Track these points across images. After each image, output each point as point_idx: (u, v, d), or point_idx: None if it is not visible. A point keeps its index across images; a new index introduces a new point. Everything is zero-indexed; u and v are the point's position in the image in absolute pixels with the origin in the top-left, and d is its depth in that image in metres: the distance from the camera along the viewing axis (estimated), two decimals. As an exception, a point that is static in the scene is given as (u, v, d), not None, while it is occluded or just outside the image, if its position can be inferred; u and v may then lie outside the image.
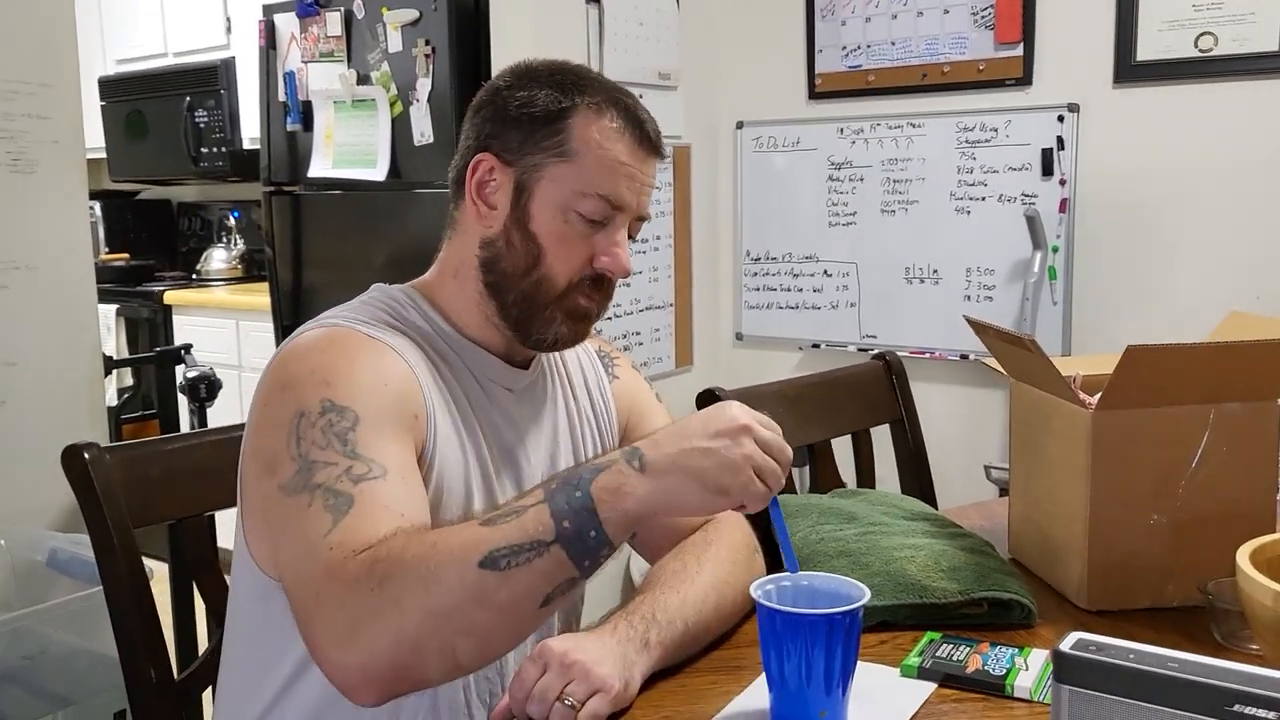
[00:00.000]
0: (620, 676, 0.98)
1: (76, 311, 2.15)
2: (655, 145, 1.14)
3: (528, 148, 1.11)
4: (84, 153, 2.17)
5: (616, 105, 1.12)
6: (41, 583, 1.89)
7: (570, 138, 1.10)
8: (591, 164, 1.10)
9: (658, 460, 0.93)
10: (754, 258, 3.38)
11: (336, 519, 0.93)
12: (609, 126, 1.11)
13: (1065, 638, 0.77)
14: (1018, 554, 1.38)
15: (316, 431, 0.98)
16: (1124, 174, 2.76)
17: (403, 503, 0.97)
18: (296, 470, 0.97)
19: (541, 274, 1.11)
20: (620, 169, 1.11)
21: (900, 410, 1.84)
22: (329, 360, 1.04)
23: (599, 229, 1.11)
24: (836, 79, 3.19)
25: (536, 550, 0.89)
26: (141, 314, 4.02)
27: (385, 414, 1.02)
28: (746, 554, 1.22)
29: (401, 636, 0.88)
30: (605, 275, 1.13)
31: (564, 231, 1.10)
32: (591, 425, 1.28)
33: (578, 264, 1.11)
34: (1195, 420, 1.19)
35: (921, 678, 1.06)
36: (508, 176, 1.12)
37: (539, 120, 1.11)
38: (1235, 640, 1.11)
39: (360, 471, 0.96)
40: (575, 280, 1.12)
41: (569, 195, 1.10)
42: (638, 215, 1.15)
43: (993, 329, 1.34)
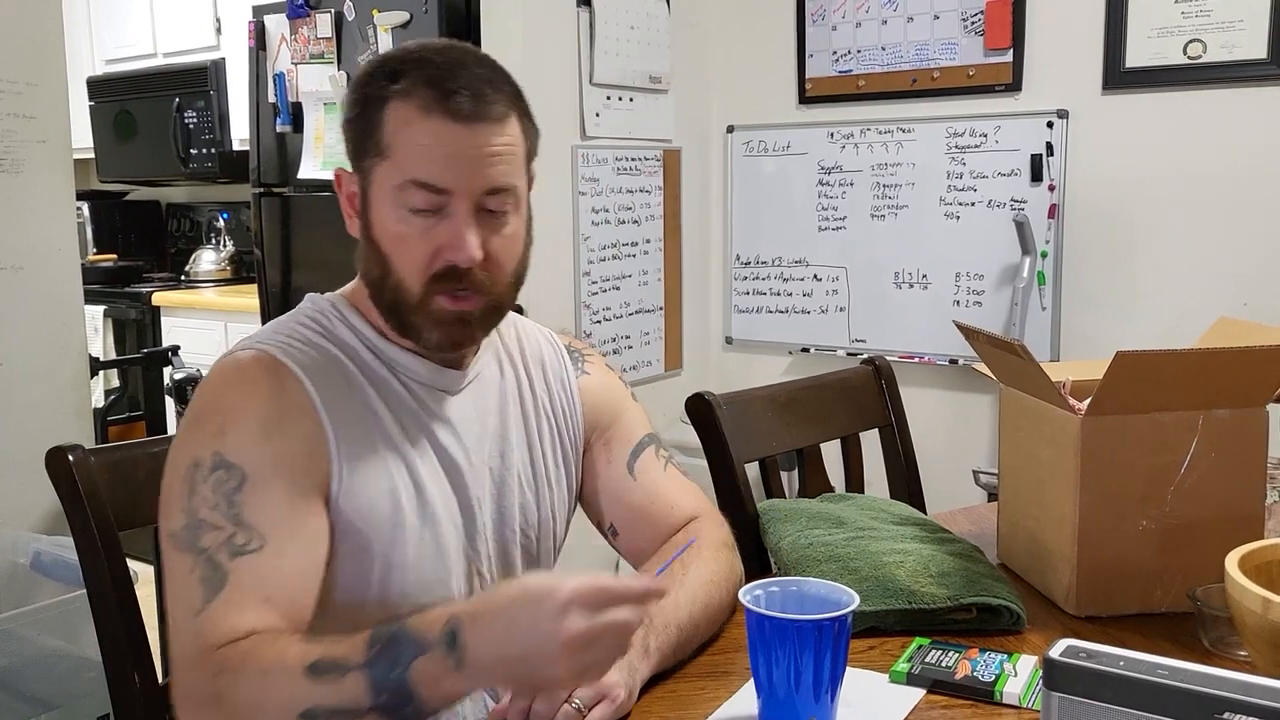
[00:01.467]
0: (626, 685, 0.99)
1: (63, 312, 2.14)
2: (475, 110, 1.04)
3: (359, 152, 1.08)
4: (71, 153, 2.15)
5: (428, 83, 1.04)
6: (24, 585, 1.87)
7: (384, 132, 1.05)
8: (405, 153, 1.04)
9: (477, 658, 0.87)
10: (744, 261, 3.38)
11: (208, 598, 0.96)
12: (415, 107, 1.03)
13: (1055, 644, 0.77)
14: (1006, 559, 1.38)
15: (207, 488, 1.00)
16: (1113, 180, 2.77)
17: (272, 582, 0.98)
18: (185, 525, 0.99)
19: (394, 279, 1.07)
20: (434, 150, 1.03)
21: (889, 415, 1.84)
22: (230, 402, 1.05)
23: (439, 219, 1.05)
24: (827, 84, 3.19)
25: (354, 714, 0.89)
26: (129, 315, 4.00)
27: (276, 468, 1.02)
28: (728, 553, 1.23)
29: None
30: (454, 267, 1.05)
31: (402, 231, 1.05)
32: (550, 419, 1.25)
33: (421, 261, 1.05)
34: (1184, 426, 1.19)
35: (910, 684, 1.05)
36: (354, 183, 1.10)
37: (360, 123, 1.08)
38: (1223, 646, 1.11)
39: (239, 543, 0.98)
40: (427, 280, 1.06)
41: (394, 192, 1.05)
42: (484, 190, 1.05)
43: (983, 334, 1.34)
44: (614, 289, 3.07)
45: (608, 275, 3.04)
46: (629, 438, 1.29)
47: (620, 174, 3.05)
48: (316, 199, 3.19)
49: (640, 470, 1.27)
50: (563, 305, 2.91)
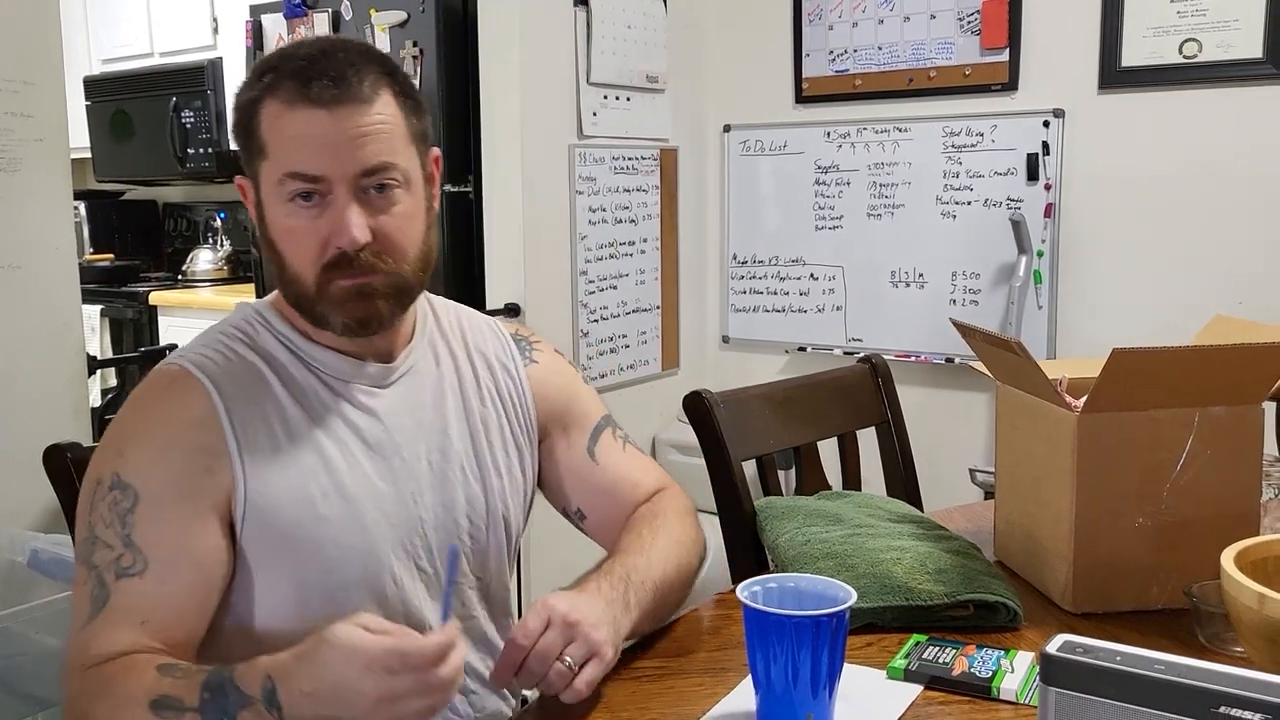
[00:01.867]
0: (613, 642, 1.01)
1: (60, 311, 2.13)
2: (338, 94, 1.04)
3: (246, 158, 1.10)
4: (68, 152, 2.15)
5: (288, 74, 1.05)
6: (22, 584, 1.87)
7: (260, 132, 1.07)
8: (279, 148, 1.05)
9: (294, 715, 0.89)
10: (740, 261, 3.39)
11: (91, 615, 1.01)
12: (281, 101, 1.05)
13: (1052, 640, 0.77)
14: (1003, 556, 1.38)
15: (104, 507, 1.04)
16: (1109, 179, 2.78)
17: (149, 605, 1.01)
18: (85, 539, 1.04)
19: (291, 274, 1.09)
20: (301, 140, 1.04)
21: (886, 413, 1.84)
22: (130, 424, 1.08)
23: (323, 207, 1.05)
24: (823, 83, 3.19)
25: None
26: (126, 314, 3.99)
27: (168, 489, 1.04)
28: (691, 519, 1.28)
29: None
30: (344, 253, 1.06)
31: (288, 225, 1.07)
32: (498, 408, 1.24)
33: (311, 252, 1.06)
34: (1180, 424, 1.19)
35: (908, 680, 1.06)
36: (250, 189, 1.12)
37: (241, 129, 1.09)
38: (1219, 642, 1.11)
39: (125, 564, 1.02)
40: (320, 270, 1.07)
41: (276, 188, 1.06)
42: (359, 172, 1.05)
43: (979, 332, 1.35)
44: (611, 288, 3.07)
45: (605, 274, 3.04)
46: (586, 423, 1.30)
47: (617, 173, 3.05)
48: (313, 198, 3.19)
49: (601, 453, 1.29)
50: (560, 304, 2.92)
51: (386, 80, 1.08)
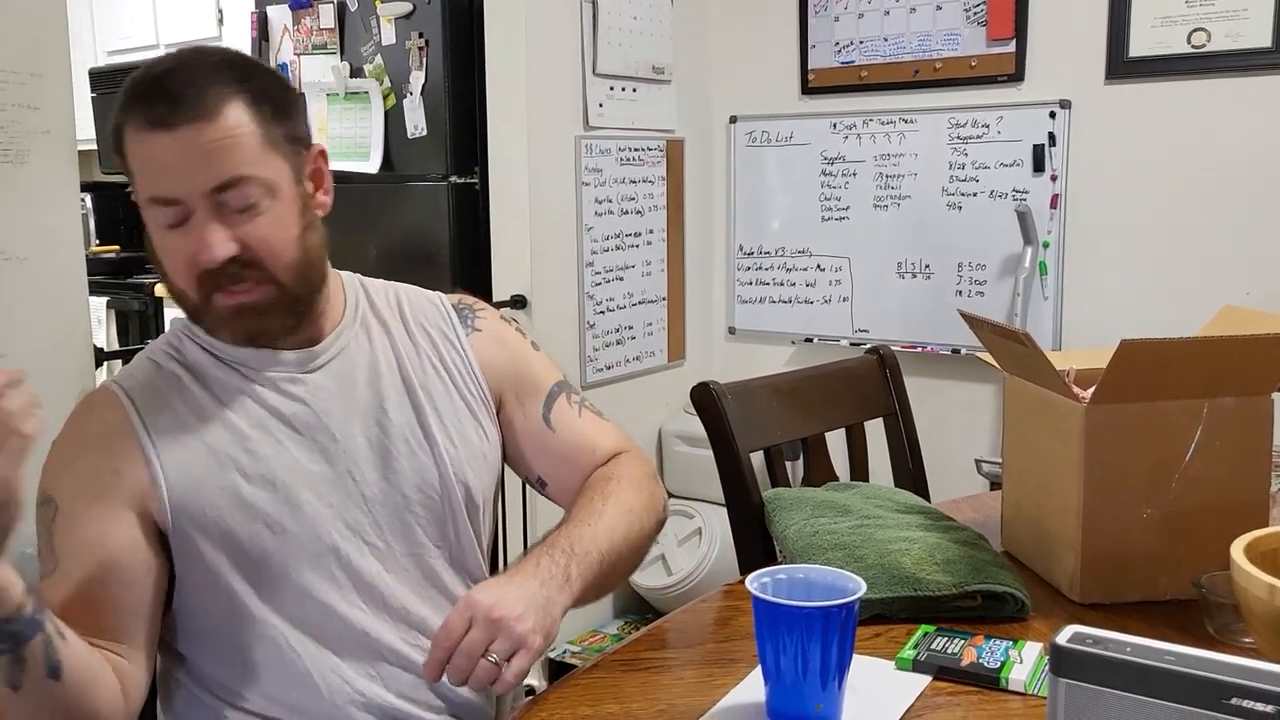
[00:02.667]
0: (541, 629, 1.01)
1: (67, 304, 2.13)
2: (175, 115, 1.03)
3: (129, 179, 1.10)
4: (75, 144, 2.15)
5: (135, 100, 1.05)
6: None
7: (127, 158, 1.07)
8: (139, 175, 1.07)
9: None
10: (747, 252, 3.38)
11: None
12: (135, 128, 1.05)
13: (1062, 631, 0.77)
14: (1010, 547, 1.39)
15: (37, 522, 1.10)
16: (1115, 170, 2.77)
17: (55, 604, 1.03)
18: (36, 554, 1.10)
19: (175, 290, 1.12)
20: (152, 165, 1.05)
21: (894, 404, 1.84)
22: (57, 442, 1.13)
23: (188, 227, 1.06)
24: (829, 74, 3.19)
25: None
26: (132, 306, 4.00)
27: (79, 489, 1.09)
28: (649, 484, 1.28)
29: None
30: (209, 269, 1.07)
31: (162, 244, 1.09)
32: (443, 377, 1.24)
33: (186, 269, 1.08)
34: (1189, 415, 1.19)
35: (916, 670, 1.06)
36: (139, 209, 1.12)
37: (118, 151, 1.08)
38: (1229, 633, 1.11)
39: (45, 569, 1.08)
40: (198, 285, 1.09)
41: (146, 210, 1.08)
42: (212, 187, 1.04)
43: (988, 324, 1.35)
44: (617, 279, 3.07)
45: (611, 266, 3.04)
46: (539, 390, 1.30)
47: (623, 164, 3.05)
48: (319, 190, 3.19)
49: (557, 419, 1.29)
50: (566, 296, 2.92)
51: (234, 90, 1.06)
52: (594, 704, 1.01)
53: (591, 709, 1.00)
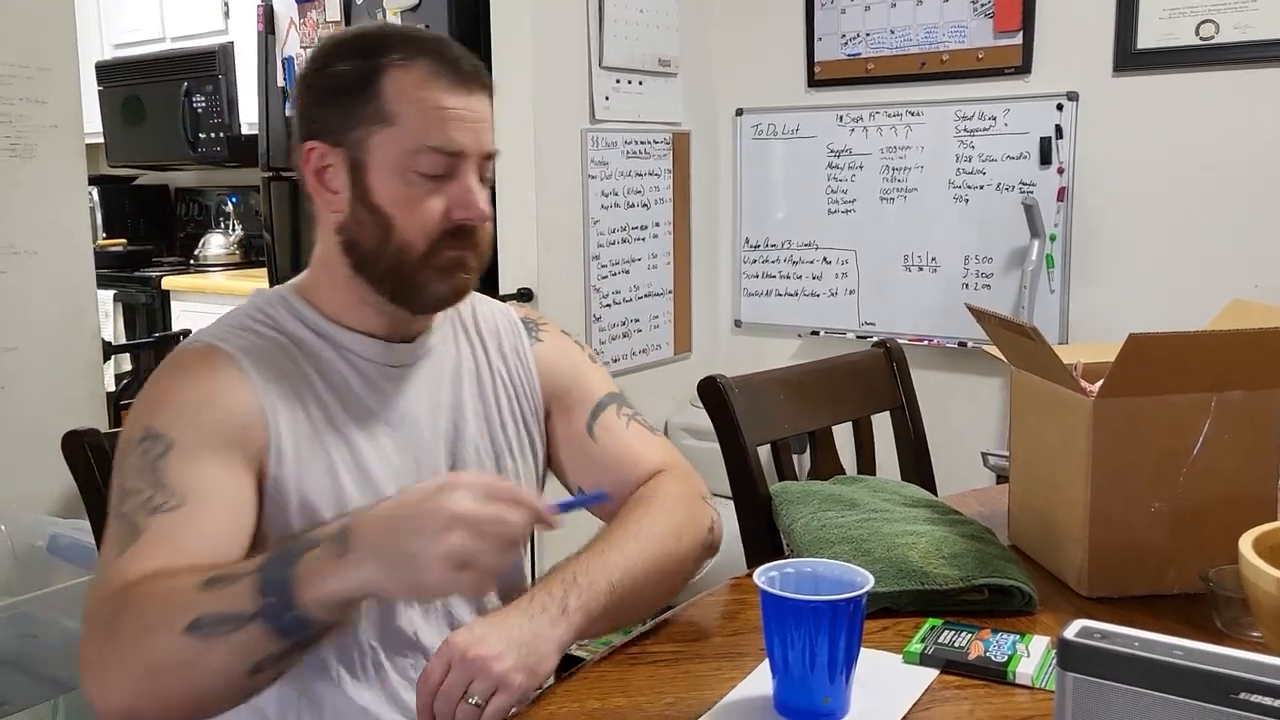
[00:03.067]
0: (522, 668, 0.98)
1: (75, 297, 2.14)
2: (472, 77, 1.10)
3: (349, 123, 1.09)
4: (83, 137, 2.16)
5: (424, 52, 1.09)
6: (42, 568, 1.89)
7: (386, 100, 1.08)
8: (414, 120, 1.07)
9: (359, 544, 0.89)
10: (753, 245, 3.38)
11: (120, 550, 0.97)
12: (420, 76, 1.08)
13: (1070, 625, 0.77)
14: (1017, 541, 1.39)
15: (134, 459, 1.02)
16: (1123, 163, 2.76)
17: (187, 535, 0.98)
18: (116, 498, 1.02)
19: (398, 243, 1.09)
20: (445, 115, 1.08)
21: (900, 397, 1.84)
22: (162, 385, 1.08)
23: (445, 181, 1.09)
24: (836, 67, 3.18)
25: (237, 623, 0.89)
26: (139, 299, 4.01)
27: (204, 437, 1.03)
28: (688, 504, 1.22)
29: (126, 679, 0.90)
30: (464, 225, 1.10)
31: (408, 194, 1.08)
32: (508, 389, 1.25)
33: (432, 222, 1.09)
34: (1197, 408, 1.19)
35: (924, 664, 1.06)
36: (340, 157, 1.10)
37: (351, 93, 1.09)
38: (1236, 628, 1.11)
39: (157, 502, 0.99)
40: (434, 239, 1.09)
41: (402, 157, 1.07)
42: (483, 154, 1.11)
43: (995, 317, 1.34)
44: (623, 272, 3.07)
45: (617, 259, 3.04)
46: (587, 400, 1.30)
47: (630, 157, 3.04)
48: (325, 183, 3.19)
49: (600, 430, 1.28)
50: (572, 289, 2.92)
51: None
52: (601, 697, 1.01)
53: (599, 702, 1.01)
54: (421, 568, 0.87)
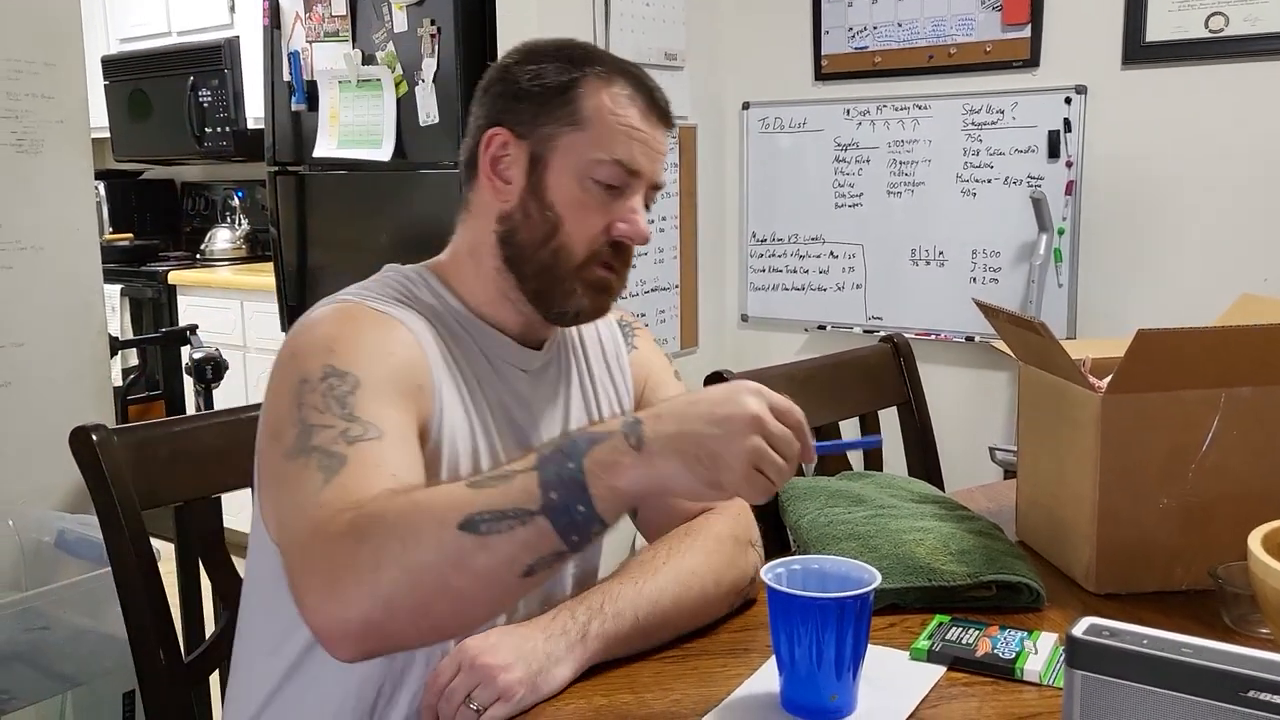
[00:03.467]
0: (527, 681, 0.97)
1: (82, 292, 2.15)
2: (665, 113, 1.15)
3: (540, 119, 1.11)
4: (89, 132, 2.16)
5: (625, 74, 1.13)
6: (49, 563, 1.89)
7: (582, 106, 1.10)
8: (605, 130, 1.10)
9: (655, 439, 0.88)
10: (760, 239, 3.37)
11: (328, 477, 0.93)
12: (619, 93, 1.11)
13: (1078, 622, 0.77)
14: (1025, 537, 1.38)
15: (317, 396, 0.99)
16: (1132, 156, 2.75)
17: (396, 464, 0.96)
18: (297, 435, 0.97)
19: (559, 243, 1.10)
20: (633, 134, 1.11)
21: (908, 393, 1.84)
22: (335, 330, 1.05)
23: (616, 196, 1.11)
24: (843, 60, 3.17)
25: (520, 519, 0.86)
26: (146, 294, 4.02)
27: (387, 381, 1.02)
28: (731, 546, 1.18)
29: (376, 593, 0.86)
30: (623, 243, 1.12)
31: (581, 199, 1.10)
32: (609, 396, 1.27)
33: (595, 232, 1.11)
34: (1206, 404, 1.18)
35: (931, 661, 1.06)
36: (521, 149, 1.12)
37: (550, 91, 1.11)
38: (1245, 625, 1.11)
39: (356, 433, 0.96)
40: (594, 249, 1.11)
41: (585, 163, 1.10)
42: (653, 183, 1.14)
43: (1003, 312, 1.34)
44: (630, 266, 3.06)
45: (623, 253, 3.03)
46: None
47: (635, 151, 3.03)
48: (332, 177, 3.19)
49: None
50: (578, 283, 2.91)
51: None
52: (608, 694, 1.01)
53: (606, 699, 1.01)
54: (723, 465, 0.87)
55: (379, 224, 3.11)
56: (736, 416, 0.88)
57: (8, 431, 2.00)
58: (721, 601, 1.15)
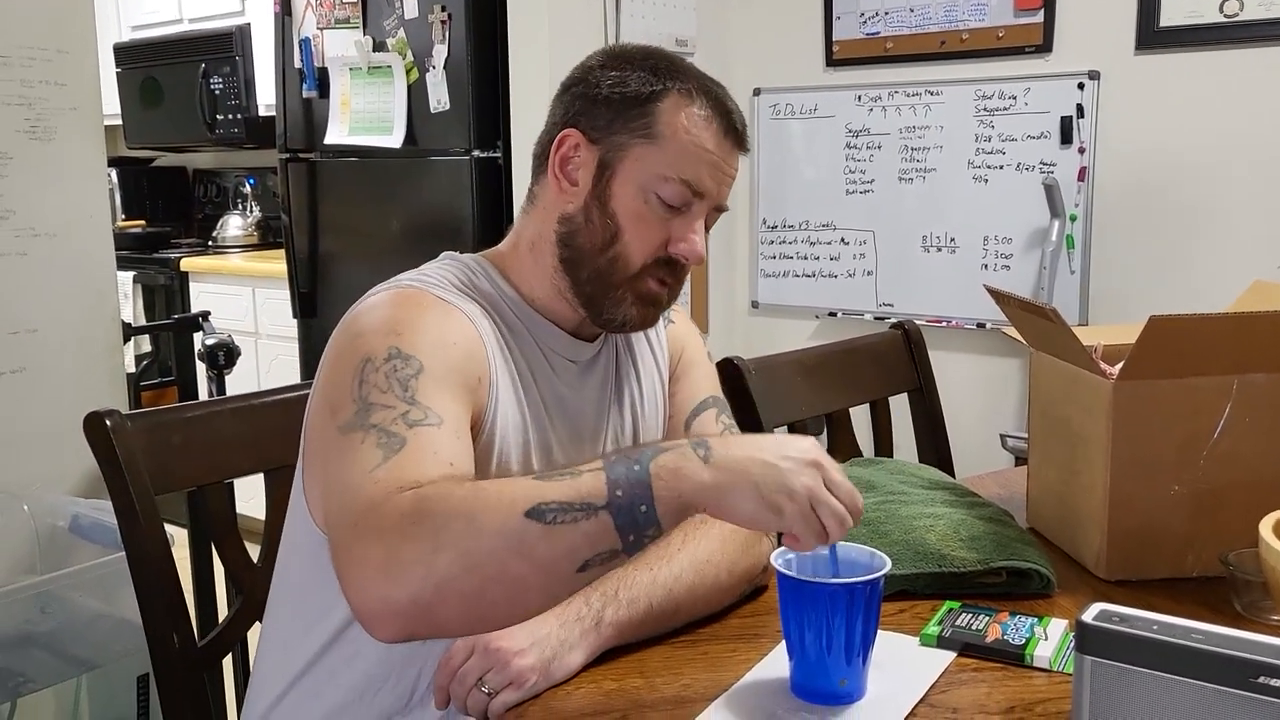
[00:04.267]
0: (540, 668, 0.98)
1: (96, 278, 2.15)
2: (741, 137, 1.15)
3: (615, 127, 1.11)
4: (102, 119, 2.16)
5: (707, 94, 1.13)
6: (64, 548, 1.90)
7: (658, 120, 1.10)
8: (677, 148, 1.10)
9: (722, 458, 0.90)
10: (770, 225, 3.37)
11: (386, 456, 0.93)
12: (697, 114, 1.11)
13: (1088, 608, 0.77)
14: (1036, 523, 1.38)
15: (380, 375, 0.99)
16: (1144, 142, 2.74)
17: (453, 454, 0.97)
18: (355, 411, 0.98)
19: (616, 252, 1.11)
20: (704, 156, 1.11)
21: (918, 379, 1.83)
22: (401, 314, 1.05)
23: (677, 214, 1.11)
24: (854, 46, 3.16)
25: (585, 512, 0.87)
26: (158, 281, 4.03)
27: (449, 371, 1.03)
28: (743, 534, 1.17)
29: (431, 572, 0.85)
30: (679, 261, 1.13)
31: (643, 212, 1.11)
32: (653, 377, 1.27)
33: (653, 246, 1.12)
34: (1218, 391, 1.18)
35: (941, 647, 1.06)
36: (592, 154, 1.12)
37: (629, 101, 1.11)
38: (1256, 611, 1.11)
39: (416, 417, 0.97)
40: (648, 262, 1.12)
41: (651, 177, 1.10)
42: (717, 205, 1.14)
43: (1014, 299, 1.34)
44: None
45: (634, 240, 3.03)
46: (693, 396, 1.30)
47: (646, 138, 3.03)
48: (343, 164, 3.20)
49: (696, 431, 1.28)
50: (589, 270, 2.91)
51: None
52: (618, 678, 1.02)
53: (616, 683, 1.01)
54: (786, 494, 0.89)
55: (390, 210, 3.11)
56: (801, 456, 0.91)
57: (22, 417, 2.01)
58: (734, 589, 1.15)
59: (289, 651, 1.14)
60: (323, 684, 1.12)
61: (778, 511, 0.89)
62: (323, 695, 1.12)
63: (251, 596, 1.30)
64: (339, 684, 1.12)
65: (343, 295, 3.28)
